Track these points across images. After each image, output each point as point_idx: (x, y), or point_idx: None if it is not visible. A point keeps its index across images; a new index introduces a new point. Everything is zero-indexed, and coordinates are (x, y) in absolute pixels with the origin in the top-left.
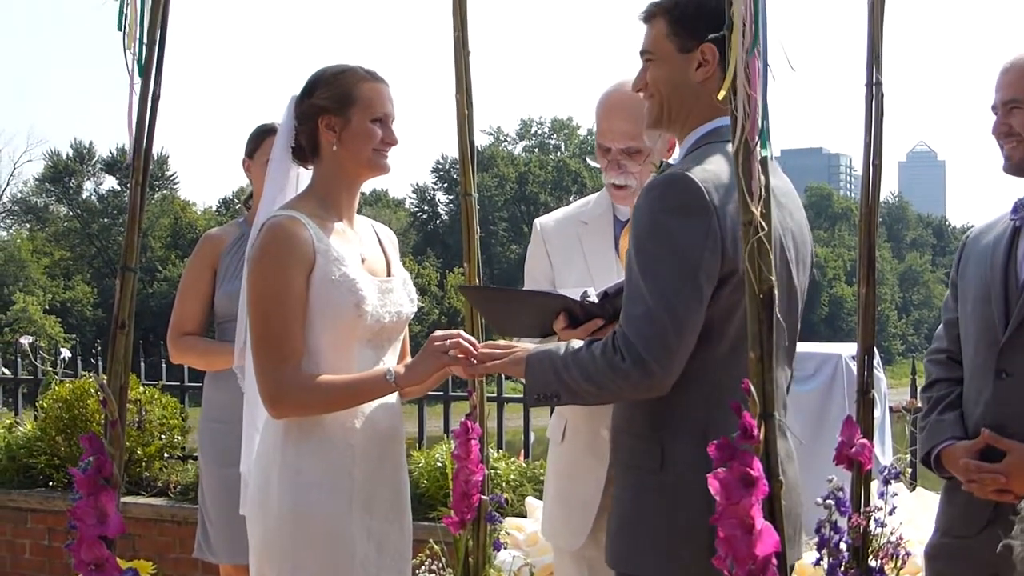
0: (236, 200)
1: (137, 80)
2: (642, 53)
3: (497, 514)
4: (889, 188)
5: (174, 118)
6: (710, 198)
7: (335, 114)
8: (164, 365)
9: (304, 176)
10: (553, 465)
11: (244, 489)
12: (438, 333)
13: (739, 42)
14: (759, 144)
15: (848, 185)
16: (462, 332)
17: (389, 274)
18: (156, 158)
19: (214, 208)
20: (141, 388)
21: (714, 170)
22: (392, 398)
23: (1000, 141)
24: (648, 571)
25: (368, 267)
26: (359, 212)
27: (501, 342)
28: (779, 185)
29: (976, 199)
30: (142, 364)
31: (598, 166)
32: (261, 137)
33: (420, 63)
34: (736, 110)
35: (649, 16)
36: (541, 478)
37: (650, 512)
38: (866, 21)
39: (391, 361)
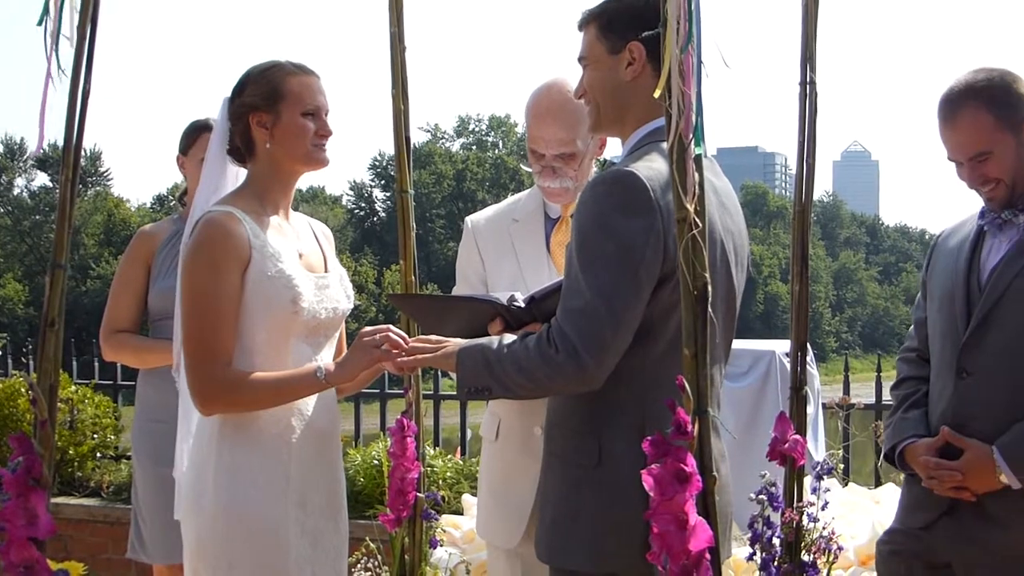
0: (171, 197)
1: (59, 75)
2: (579, 60)
3: (433, 511)
4: (823, 187)
5: (108, 114)
6: (655, 196)
7: (265, 111)
8: (97, 363)
9: (241, 172)
10: (487, 463)
11: (178, 494)
12: (367, 329)
13: (673, 39)
14: (693, 142)
15: (783, 184)
16: (391, 327)
17: (326, 270)
18: (88, 154)
19: (148, 205)
20: (73, 387)
21: (659, 168)
22: (329, 396)
23: (977, 189)
24: (583, 566)
25: (305, 263)
26: (295, 209)
27: (433, 336)
28: (721, 186)
29: (909, 198)
30: (74, 363)
31: (530, 169)
32: (195, 134)
33: (357, 59)
34: (671, 107)
35: (583, 23)
36: (477, 475)
37: (586, 507)
38: (800, 21)
39: (327, 357)
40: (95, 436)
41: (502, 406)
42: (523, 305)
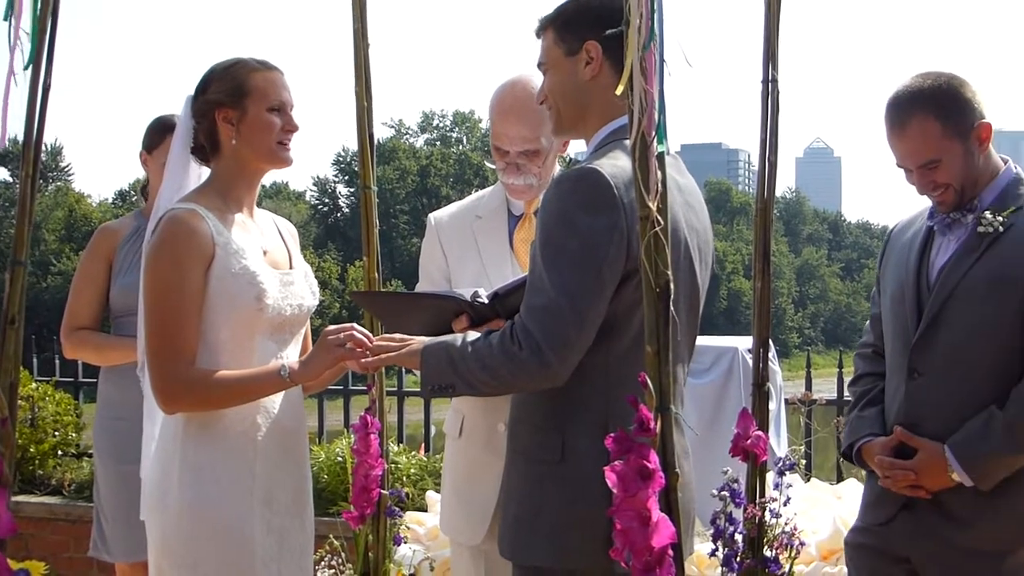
0: (132, 192)
1: (21, 70)
2: (539, 66)
3: (397, 508)
4: (786, 183)
5: (69, 109)
6: (619, 194)
7: (231, 107)
8: (58, 360)
9: (204, 170)
10: (450, 460)
11: (143, 494)
12: (331, 328)
13: (635, 37)
14: (656, 139)
15: (747, 180)
16: (356, 325)
17: (291, 267)
18: (49, 149)
19: (110, 200)
20: (34, 384)
21: (623, 166)
22: (295, 393)
23: (928, 194)
24: (546, 562)
25: (270, 260)
26: (258, 205)
27: (396, 335)
28: (685, 184)
29: (871, 195)
30: (35, 360)
31: (494, 166)
32: (161, 134)
33: (320, 55)
34: (633, 105)
35: (540, 30)
36: (442, 472)
37: (549, 503)
38: (763, 19)
39: (293, 354)
40: (56, 434)
41: (466, 403)
42: (487, 301)
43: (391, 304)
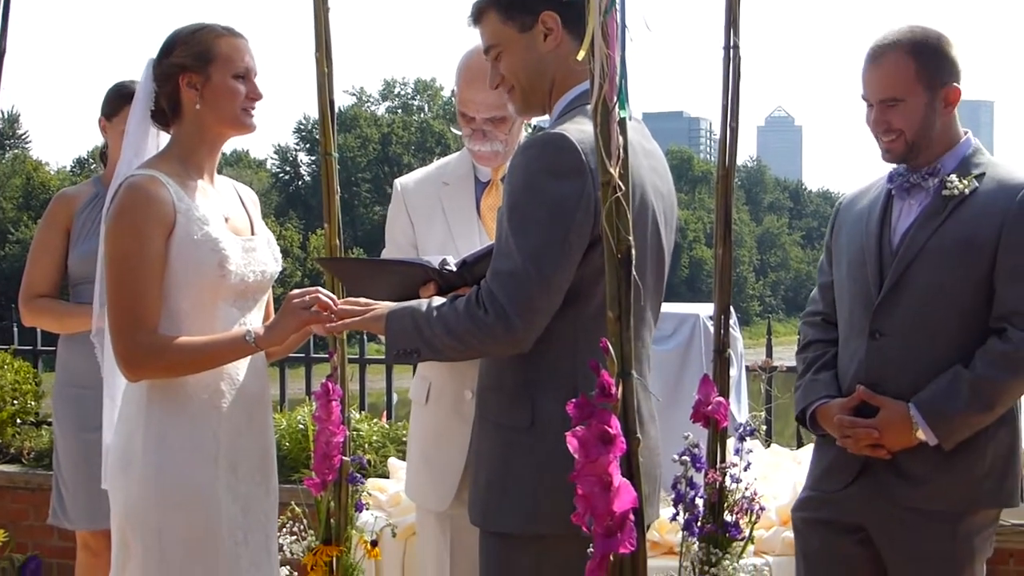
0: (91, 160)
1: None
2: (487, 50)
3: (359, 475)
4: (747, 152)
5: (25, 75)
6: (586, 160)
7: (195, 71)
8: (16, 329)
9: (164, 136)
10: (416, 427)
11: (104, 462)
12: (296, 291)
13: (596, 2)
14: (617, 104)
15: (708, 149)
16: (320, 288)
17: (252, 233)
18: (6, 116)
19: (68, 168)
20: None
21: (588, 131)
22: (259, 360)
23: (878, 135)
24: (516, 528)
25: (231, 226)
26: (219, 172)
27: (361, 299)
28: (651, 150)
29: (831, 163)
30: None
31: (461, 133)
32: (120, 101)
33: (280, 20)
34: (594, 70)
35: (478, 15)
36: (404, 439)
37: (518, 470)
38: None
39: (256, 321)
40: (15, 402)
41: (432, 369)
42: (455, 269)
43: (358, 270)
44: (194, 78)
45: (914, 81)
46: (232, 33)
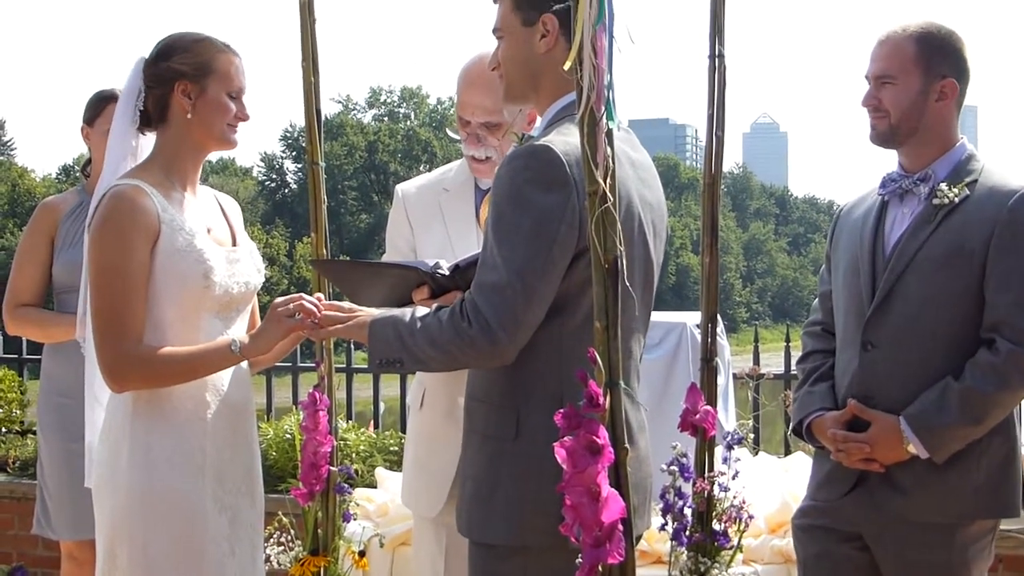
0: (76, 167)
1: None
2: (494, 31)
3: (346, 485)
4: (733, 159)
5: (11, 83)
6: (571, 171)
7: (192, 81)
8: (1, 337)
9: (145, 146)
10: (411, 432)
11: (88, 461)
12: (280, 300)
13: (585, 13)
14: (605, 115)
15: (694, 156)
16: (304, 295)
17: (234, 244)
18: None
19: (54, 175)
20: None
21: (575, 142)
22: (243, 370)
23: (868, 111)
24: (502, 539)
25: (214, 237)
26: (205, 181)
27: (346, 304)
28: (639, 159)
29: (816, 170)
30: None
31: (458, 137)
32: (101, 104)
33: (267, 29)
34: (582, 81)
35: None
36: (391, 448)
37: (504, 481)
38: None
39: (239, 332)
40: (0, 411)
41: (427, 375)
42: (447, 273)
43: (351, 273)
44: (190, 87)
45: (911, 64)
46: (231, 51)
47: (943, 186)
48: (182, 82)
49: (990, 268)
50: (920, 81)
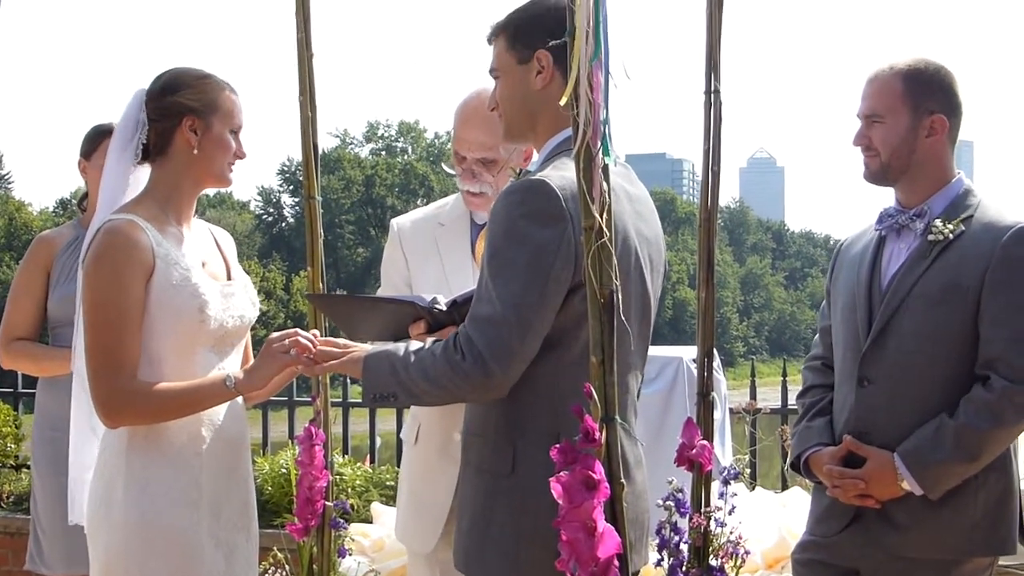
0: (73, 201)
1: None
2: (491, 72)
3: (342, 520)
4: (730, 193)
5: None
6: (567, 206)
7: (200, 117)
8: None
9: (141, 179)
10: (406, 467)
11: (72, 496)
12: (275, 335)
13: (581, 50)
14: (601, 150)
15: (691, 190)
16: (299, 330)
17: (229, 278)
18: None
19: (51, 209)
20: None
21: (571, 177)
22: (238, 404)
23: (861, 150)
24: (497, 574)
25: (208, 271)
26: (202, 215)
27: (340, 340)
28: (636, 194)
29: (813, 204)
30: None
31: (453, 172)
32: (98, 138)
33: (264, 63)
34: (578, 116)
35: (492, 36)
36: (387, 483)
37: (500, 516)
38: (704, 30)
39: (234, 366)
40: None
41: (423, 410)
42: (444, 308)
43: (347, 307)
44: (197, 123)
45: (898, 101)
46: (231, 89)
47: (938, 222)
48: (190, 117)
49: (985, 304)
50: (908, 118)
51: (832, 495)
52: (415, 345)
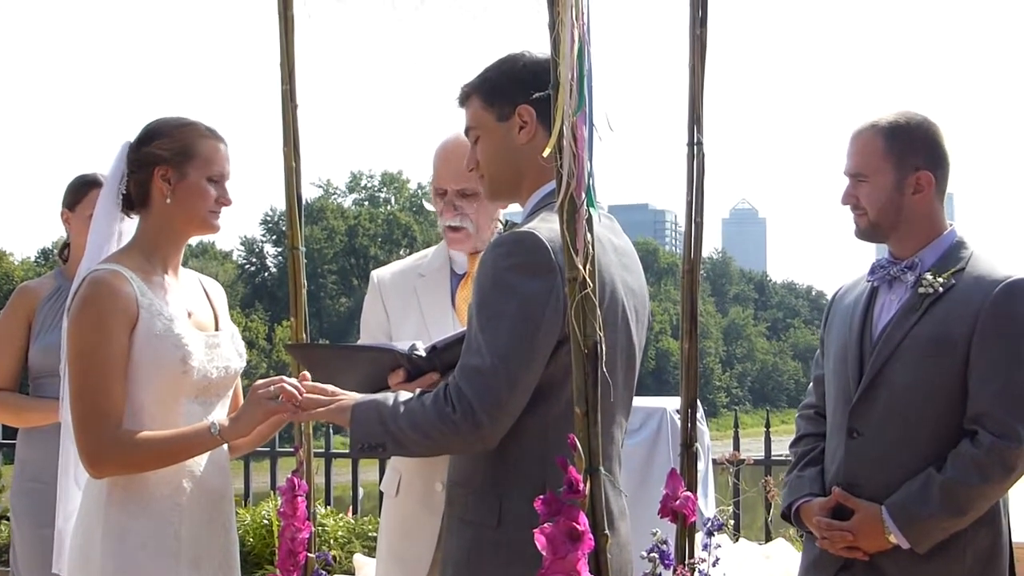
0: (55, 251)
1: None
2: (467, 132)
3: (324, 572)
4: (713, 244)
5: None
6: (555, 258)
7: (172, 166)
8: None
9: (127, 230)
10: (386, 519)
11: (58, 545)
12: (260, 382)
13: (565, 103)
14: (586, 201)
15: (674, 240)
16: (284, 377)
17: (216, 328)
18: None
19: (32, 259)
20: None
21: (559, 230)
22: (221, 455)
23: (850, 208)
24: None
25: (195, 321)
26: (184, 264)
27: (328, 387)
28: (621, 245)
29: (795, 255)
30: None
31: (434, 208)
32: (83, 189)
33: (248, 113)
34: (562, 168)
35: (464, 98)
36: (370, 534)
37: (486, 568)
38: (687, 82)
39: (220, 417)
40: None
41: (403, 461)
42: (424, 355)
43: (327, 357)
44: (169, 172)
45: (881, 160)
46: (215, 136)
47: (928, 275)
48: (162, 167)
49: (973, 358)
50: (893, 176)
51: (821, 546)
52: (404, 395)
